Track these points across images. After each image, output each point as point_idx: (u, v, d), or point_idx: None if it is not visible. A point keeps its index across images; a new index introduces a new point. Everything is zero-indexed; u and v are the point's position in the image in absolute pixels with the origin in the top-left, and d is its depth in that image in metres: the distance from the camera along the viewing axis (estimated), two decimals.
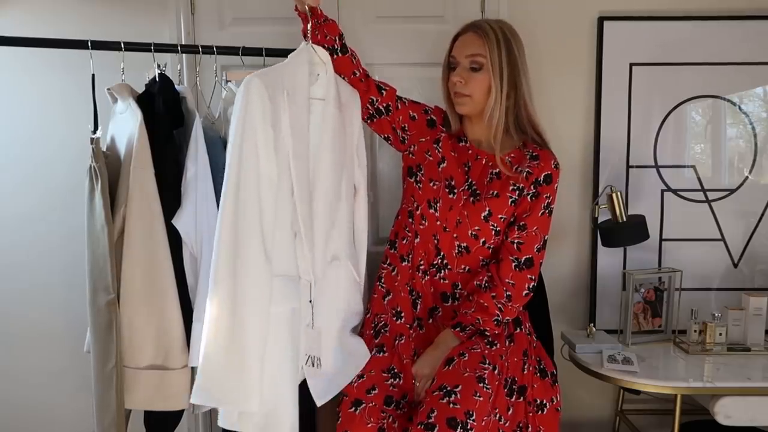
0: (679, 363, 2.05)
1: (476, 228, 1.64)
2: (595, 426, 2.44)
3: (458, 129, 1.73)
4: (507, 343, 1.63)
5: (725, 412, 1.88)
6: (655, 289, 2.22)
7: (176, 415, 1.80)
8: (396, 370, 1.58)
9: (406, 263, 1.72)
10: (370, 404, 1.51)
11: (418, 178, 1.69)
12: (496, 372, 1.53)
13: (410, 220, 1.71)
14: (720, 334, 2.11)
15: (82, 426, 2.24)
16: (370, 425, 1.48)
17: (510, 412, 1.55)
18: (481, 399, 1.46)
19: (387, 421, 1.50)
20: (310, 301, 1.54)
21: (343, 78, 1.68)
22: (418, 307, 1.69)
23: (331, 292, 1.60)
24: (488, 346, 1.58)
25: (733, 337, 2.13)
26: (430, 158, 1.70)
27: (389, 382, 1.55)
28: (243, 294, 1.38)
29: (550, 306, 1.95)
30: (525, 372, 1.62)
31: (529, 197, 1.65)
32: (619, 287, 2.29)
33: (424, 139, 1.74)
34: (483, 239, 1.65)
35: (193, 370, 1.74)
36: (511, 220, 1.67)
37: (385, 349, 1.62)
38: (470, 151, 1.70)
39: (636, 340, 2.17)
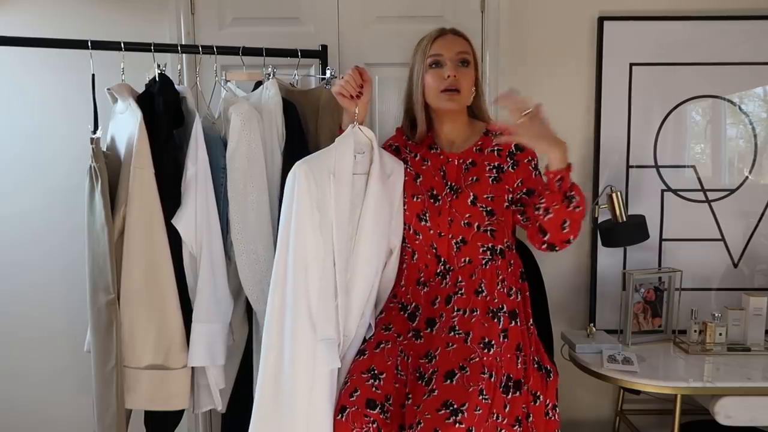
0: (679, 363, 2.05)
1: (467, 216, 1.67)
2: (595, 426, 2.44)
3: (425, 135, 1.76)
4: (501, 338, 1.62)
5: (725, 412, 1.88)
6: (655, 289, 2.22)
7: (176, 415, 1.81)
8: (376, 371, 1.58)
9: (402, 285, 1.75)
10: (353, 408, 1.51)
11: (402, 203, 1.73)
12: (492, 379, 1.55)
13: (404, 243, 1.74)
14: (720, 334, 2.11)
15: (82, 426, 2.24)
16: (355, 431, 1.49)
17: (507, 409, 1.56)
18: (481, 412, 1.49)
19: (372, 426, 1.49)
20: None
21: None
22: (417, 319, 1.69)
23: (355, 347, 1.68)
24: (484, 350, 1.58)
25: (733, 337, 2.13)
26: (405, 178, 1.74)
27: (369, 383, 1.55)
28: (290, 357, 1.53)
29: (550, 306, 1.95)
30: (519, 366, 1.62)
31: (511, 168, 1.68)
32: (619, 287, 2.29)
33: None
34: (476, 224, 1.67)
35: (193, 370, 1.75)
36: (517, 197, 1.68)
37: (366, 352, 1.63)
38: (441, 157, 1.74)
39: (636, 340, 2.17)
